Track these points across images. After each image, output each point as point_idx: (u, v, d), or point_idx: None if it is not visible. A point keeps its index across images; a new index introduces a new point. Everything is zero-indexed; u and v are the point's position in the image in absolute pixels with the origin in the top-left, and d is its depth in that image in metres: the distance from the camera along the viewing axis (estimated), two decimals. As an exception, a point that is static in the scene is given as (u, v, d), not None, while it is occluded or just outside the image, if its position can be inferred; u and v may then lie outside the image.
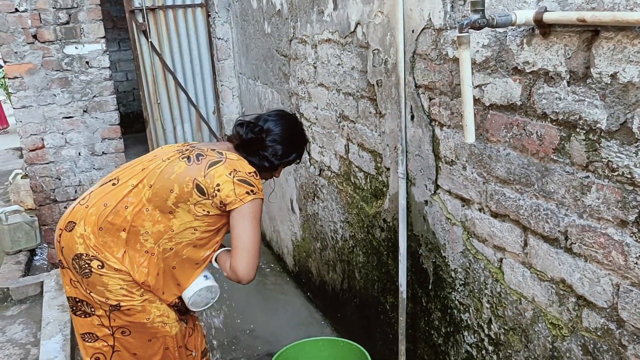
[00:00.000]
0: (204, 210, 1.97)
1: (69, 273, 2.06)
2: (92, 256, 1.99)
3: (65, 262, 2.06)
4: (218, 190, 1.93)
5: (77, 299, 2.07)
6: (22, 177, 5.23)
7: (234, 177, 1.95)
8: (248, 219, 1.95)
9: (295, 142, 2.15)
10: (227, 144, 2.15)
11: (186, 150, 2.07)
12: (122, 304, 2.01)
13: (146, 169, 2.06)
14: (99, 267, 1.99)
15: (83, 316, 2.07)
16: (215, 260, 2.07)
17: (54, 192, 4.21)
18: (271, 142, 2.08)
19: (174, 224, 2.00)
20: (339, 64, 2.60)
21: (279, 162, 2.11)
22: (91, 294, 2.02)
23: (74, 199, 4.24)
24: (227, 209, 1.95)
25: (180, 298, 2.11)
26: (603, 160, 1.28)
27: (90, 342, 2.09)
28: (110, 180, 2.10)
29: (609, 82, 1.23)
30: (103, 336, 2.07)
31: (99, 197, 2.05)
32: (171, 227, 2.00)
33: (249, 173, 1.99)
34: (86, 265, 1.99)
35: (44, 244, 4.55)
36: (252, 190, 1.95)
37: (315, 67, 2.88)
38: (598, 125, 1.28)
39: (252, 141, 2.07)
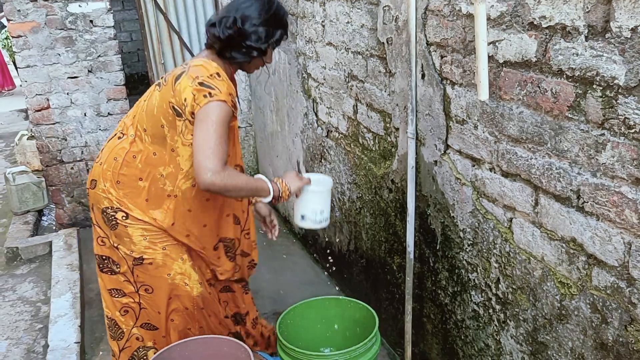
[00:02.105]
0: (191, 134, 1.91)
1: (98, 230, 2.15)
2: (116, 208, 2.07)
3: (95, 218, 2.15)
4: (186, 104, 1.88)
5: (104, 256, 2.15)
6: (28, 139, 5.22)
7: (194, 83, 1.88)
8: (205, 122, 1.83)
9: (276, 18, 2.03)
10: (203, 53, 2.07)
11: (161, 78, 2.07)
12: (144, 256, 2.09)
13: (136, 115, 2.08)
14: (123, 217, 2.07)
15: (109, 273, 2.15)
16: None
17: (60, 152, 4.20)
18: (252, 27, 1.97)
19: (180, 162, 2.01)
20: (347, 22, 2.54)
21: (266, 45, 2.02)
22: (118, 247, 2.10)
23: (81, 160, 4.25)
24: (189, 116, 1.90)
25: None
26: (620, 117, 1.26)
27: (117, 297, 2.17)
28: (116, 134, 2.14)
29: (629, 37, 1.20)
30: (129, 293, 2.16)
31: (109, 152, 2.10)
32: (179, 165, 2.02)
33: (211, 75, 1.90)
34: (112, 218, 2.08)
35: (51, 205, 4.57)
36: (209, 93, 1.85)
37: (323, 26, 2.83)
38: (616, 81, 1.25)
39: (232, 37, 1.97)
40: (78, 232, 4.18)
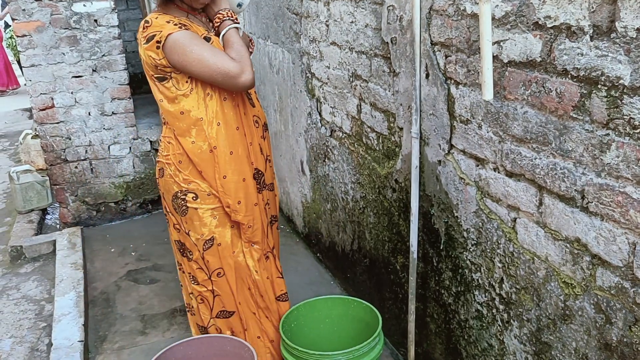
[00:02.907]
0: (185, 81, 2.06)
1: (172, 218, 2.26)
2: (185, 190, 2.16)
3: (168, 206, 2.25)
4: (155, 62, 2.01)
5: (181, 242, 2.27)
6: (32, 137, 5.24)
7: (143, 46, 2.01)
8: (184, 57, 1.98)
9: None
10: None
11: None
12: (214, 236, 2.19)
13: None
14: (194, 198, 2.16)
15: (187, 259, 2.28)
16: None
17: (64, 151, 4.21)
18: None
19: (194, 114, 2.10)
20: (352, 22, 2.55)
21: None
22: (189, 233, 2.20)
23: (85, 159, 4.26)
24: (168, 69, 2.03)
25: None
26: (625, 117, 1.25)
27: (194, 284, 2.30)
28: (163, 119, 2.23)
29: (634, 37, 1.20)
30: (202, 281, 2.27)
31: (163, 137, 2.22)
32: (197, 117, 2.11)
33: (143, 28, 2.02)
34: (182, 202, 2.18)
35: (56, 204, 4.58)
36: (156, 42, 1.97)
37: (327, 25, 2.83)
38: (621, 81, 1.24)
39: None
40: (82, 231, 4.19)
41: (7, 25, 9.67)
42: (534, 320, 1.67)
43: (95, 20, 4.02)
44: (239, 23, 2.13)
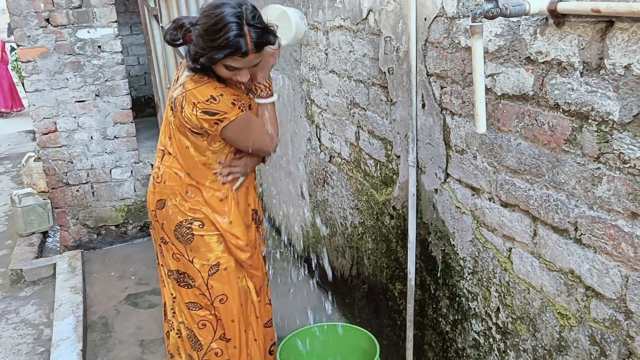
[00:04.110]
0: (219, 142, 2.09)
1: (172, 247, 2.22)
2: (191, 219, 2.16)
3: (167, 237, 2.22)
4: (200, 126, 1.99)
5: (180, 271, 2.24)
6: (34, 160, 5.28)
7: (197, 112, 1.95)
8: (234, 138, 2.04)
9: (211, 36, 1.82)
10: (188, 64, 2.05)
11: (170, 97, 2.12)
12: (220, 261, 2.19)
13: (172, 136, 2.15)
14: (200, 226, 2.16)
15: (186, 287, 2.25)
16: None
17: (66, 175, 4.25)
18: (194, 38, 1.91)
19: (212, 163, 2.14)
20: (350, 51, 2.59)
21: (196, 65, 1.91)
22: (193, 260, 2.19)
23: (86, 183, 4.29)
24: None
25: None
26: (615, 151, 1.28)
27: (194, 310, 2.26)
28: (164, 153, 2.20)
29: (622, 74, 1.22)
30: (205, 305, 2.25)
31: (166, 169, 2.17)
32: (212, 166, 2.15)
33: (207, 101, 1.94)
34: (187, 231, 2.16)
35: (57, 227, 4.60)
36: (218, 120, 1.95)
37: (326, 54, 2.87)
38: (610, 116, 1.27)
39: (185, 44, 1.98)
40: (82, 254, 4.20)
41: (12, 49, 9.79)
42: (530, 351, 1.67)
43: (99, 47, 4.08)
44: (274, 95, 2.16)
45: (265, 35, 1.89)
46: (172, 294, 2.31)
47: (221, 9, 1.82)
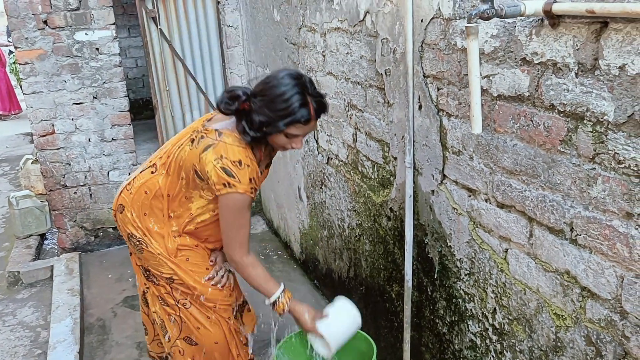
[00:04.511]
0: (211, 193, 2.04)
1: (130, 249, 2.27)
2: (139, 237, 2.18)
3: (125, 237, 2.27)
4: (208, 177, 1.97)
5: (145, 267, 2.26)
6: (32, 162, 5.28)
7: (218, 164, 1.93)
8: (224, 210, 2.00)
9: (277, 105, 1.90)
10: (232, 118, 2.05)
11: (198, 131, 2.08)
12: (174, 277, 2.19)
13: (170, 156, 2.14)
14: (146, 246, 2.18)
15: (153, 284, 2.27)
16: None
17: (64, 177, 4.24)
18: (256, 108, 1.93)
19: (191, 207, 2.13)
20: (347, 53, 2.59)
21: (257, 134, 1.94)
22: (149, 267, 2.22)
23: (84, 185, 4.29)
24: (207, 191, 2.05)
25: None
26: (610, 152, 1.28)
27: (164, 305, 2.28)
28: (149, 167, 2.21)
29: (617, 74, 1.23)
30: (171, 305, 2.26)
31: (140, 183, 2.19)
32: (189, 210, 2.13)
33: (234, 162, 1.93)
34: (138, 243, 2.19)
35: (54, 229, 4.60)
36: (229, 183, 1.93)
37: (324, 56, 2.88)
38: (605, 117, 1.27)
39: (239, 112, 1.97)
40: (80, 257, 4.20)
41: (11, 51, 9.79)
42: (526, 352, 1.67)
43: (97, 49, 4.08)
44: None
45: (324, 103, 2.00)
46: (145, 284, 2.34)
47: (285, 80, 1.92)
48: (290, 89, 1.90)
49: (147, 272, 2.26)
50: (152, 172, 2.18)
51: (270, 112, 1.91)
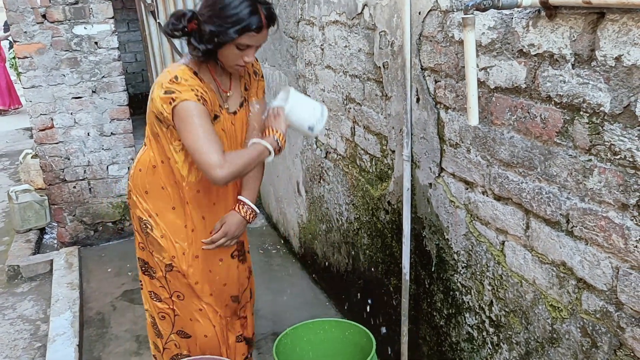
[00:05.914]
0: (177, 140, 2.00)
1: (138, 236, 2.26)
2: (145, 219, 2.18)
3: (135, 225, 2.26)
4: (162, 112, 1.94)
5: (144, 260, 2.27)
6: (32, 157, 5.28)
7: (160, 92, 1.92)
8: (183, 125, 1.90)
9: (227, 12, 1.85)
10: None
11: None
12: (173, 264, 2.18)
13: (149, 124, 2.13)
14: (151, 229, 2.18)
15: (149, 277, 2.27)
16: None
17: (63, 171, 4.24)
18: (205, 19, 1.87)
19: (179, 168, 2.08)
20: (345, 46, 2.59)
21: (207, 45, 1.89)
22: (152, 253, 2.21)
23: (83, 179, 4.29)
24: (170, 123, 1.96)
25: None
26: (606, 143, 1.28)
27: (155, 301, 2.28)
28: (144, 142, 2.19)
29: (613, 65, 1.23)
30: (164, 299, 2.26)
31: (137, 162, 2.19)
32: (179, 172, 2.09)
33: (170, 80, 1.91)
34: (145, 226, 2.20)
35: (54, 223, 4.60)
36: (172, 99, 1.89)
37: (322, 49, 2.87)
38: (601, 108, 1.27)
39: (185, 33, 1.92)
40: (79, 251, 4.20)
41: (10, 46, 9.78)
42: (522, 344, 1.67)
43: (96, 43, 4.08)
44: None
45: (273, 11, 1.95)
46: (140, 280, 2.33)
47: None
48: None
49: (145, 265, 2.26)
50: (144, 146, 2.18)
51: (221, 21, 1.85)
